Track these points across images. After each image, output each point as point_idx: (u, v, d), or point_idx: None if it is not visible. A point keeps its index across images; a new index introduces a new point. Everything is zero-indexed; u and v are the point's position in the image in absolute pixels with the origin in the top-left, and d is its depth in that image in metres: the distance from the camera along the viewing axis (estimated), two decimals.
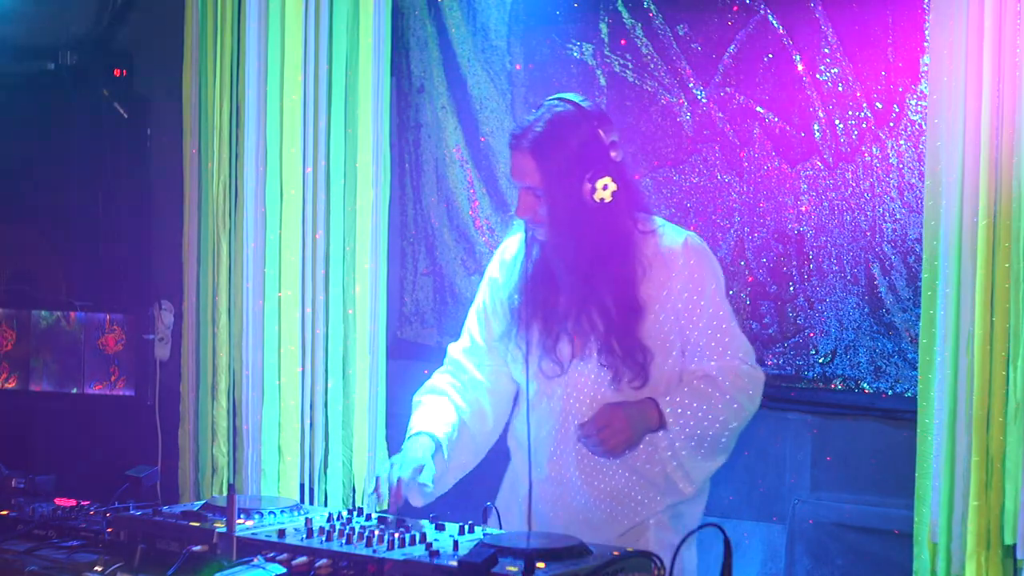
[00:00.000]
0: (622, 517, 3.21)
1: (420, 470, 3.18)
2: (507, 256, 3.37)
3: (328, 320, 4.57)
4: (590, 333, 3.18)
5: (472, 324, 3.45)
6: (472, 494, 3.39)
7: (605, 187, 3.12)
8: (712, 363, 3.18)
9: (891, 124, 3.92)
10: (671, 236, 3.23)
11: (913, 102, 3.88)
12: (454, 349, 3.49)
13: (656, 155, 4.32)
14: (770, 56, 4.11)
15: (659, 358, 3.18)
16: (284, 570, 2.68)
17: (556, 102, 3.19)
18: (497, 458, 3.53)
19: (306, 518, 2.97)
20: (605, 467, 3.20)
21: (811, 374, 4.08)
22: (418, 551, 2.67)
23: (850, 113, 3.98)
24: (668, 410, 3.12)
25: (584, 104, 3.18)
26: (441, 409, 3.37)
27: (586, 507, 3.21)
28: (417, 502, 3.26)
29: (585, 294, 3.17)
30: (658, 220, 3.28)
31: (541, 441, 3.28)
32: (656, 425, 3.13)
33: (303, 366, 4.58)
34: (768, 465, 4.21)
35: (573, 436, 3.21)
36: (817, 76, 4.03)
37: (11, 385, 5.12)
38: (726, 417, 3.16)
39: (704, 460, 3.19)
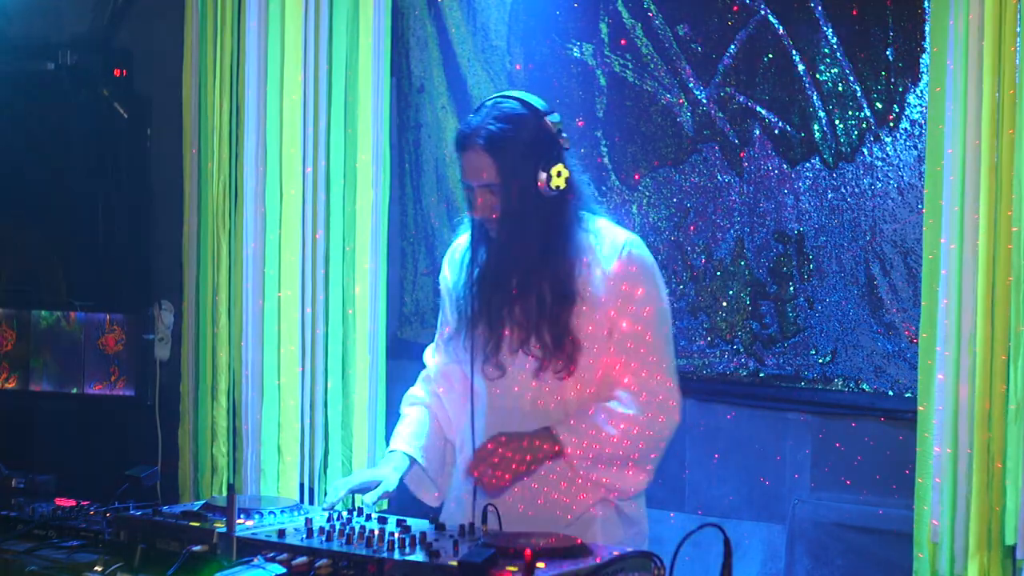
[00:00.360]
0: (565, 510, 3.21)
1: (369, 485, 3.25)
2: (456, 256, 3.41)
3: (328, 320, 4.57)
4: (526, 324, 3.22)
5: (439, 326, 3.52)
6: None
7: (559, 174, 3.18)
8: (626, 379, 3.20)
9: (891, 124, 3.92)
10: (612, 237, 3.26)
11: (913, 102, 3.88)
12: (426, 354, 3.55)
13: (656, 155, 4.32)
14: (770, 56, 4.11)
15: (589, 353, 3.20)
16: (284, 570, 2.68)
17: (500, 99, 3.25)
18: None
19: (306, 518, 2.97)
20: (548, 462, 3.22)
21: (811, 374, 4.08)
22: (418, 551, 2.67)
23: (850, 113, 3.98)
24: (564, 436, 3.13)
25: (526, 98, 3.24)
26: (416, 421, 3.43)
27: (530, 502, 3.21)
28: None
29: (527, 284, 3.21)
30: (602, 221, 3.31)
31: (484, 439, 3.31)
32: (555, 452, 3.13)
33: (303, 366, 4.59)
34: (768, 465, 4.21)
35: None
36: (817, 76, 4.03)
37: (11, 385, 5.12)
38: (637, 433, 3.16)
39: (615, 476, 3.18)
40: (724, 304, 4.22)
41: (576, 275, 3.19)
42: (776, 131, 4.11)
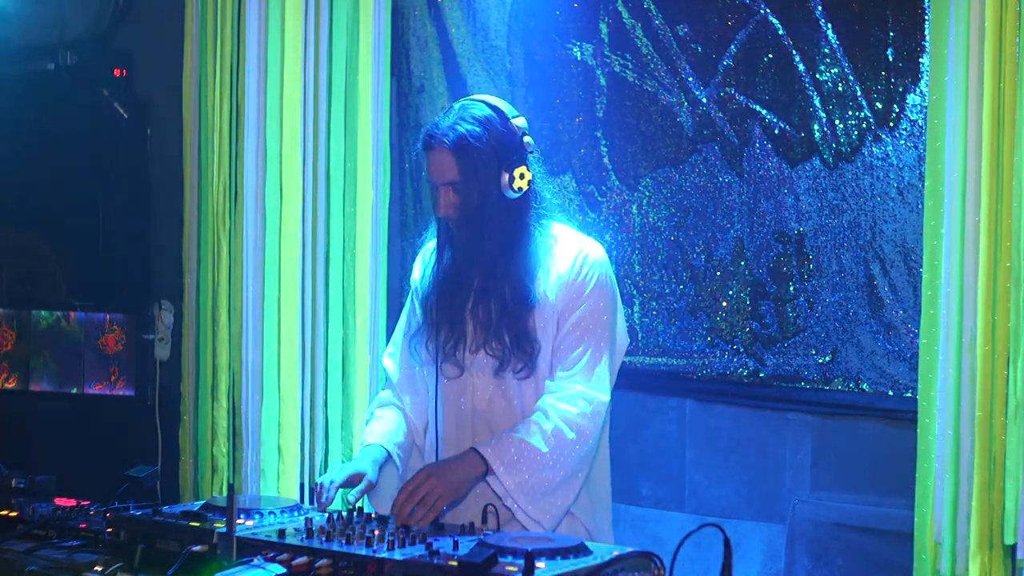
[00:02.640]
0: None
1: (354, 479, 3.23)
2: (426, 257, 3.47)
3: (328, 320, 4.57)
4: (487, 324, 3.28)
5: (402, 330, 3.53)
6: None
7: (522, 176, 3.26)
8: (551, 385, 3.24)
9: (891, 124, 3.92)
10: (570, 242, 3.34)
11: (913, 102, 3.87)
12: (385, 359, 3.57)
13: (656, 155, 4.32)
14: (770, 56, 4.11)
15: (546, 355, 3.28)
16: (284, 570, 2.68)
17: (468, 102, 3.32)
18: None
19: (306, 518, 2.97)
20: None
21: (811, 374, 4.08)
22: (418, 551, 2.67)
23: (850, 113, 3.98)
24: (490, 452, 3.15)
25: (493, 101, 3.32)
26: (392, 420, 3.45)
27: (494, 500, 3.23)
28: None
29: (489, 285, 3.27)
30: (561, 227, 3.38)
31: (447, 441, 3.35)
32: (482, 471, 3.16)
33: (303, 366, 4.59)
34: (768, 465, 4.21)
35: (473, 433, 3.29)
36: (817, 76, 4.03)
37: (11, 385, 5.12)
38: (560, 451, 3.18)
39: (543, 496, 3.18)
40: (724, 304, 4.22)
41: (534, 275, 3.26)
42: (776, 131, 4.11)
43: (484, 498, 3.17)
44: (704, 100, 4.23)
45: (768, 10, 4.09)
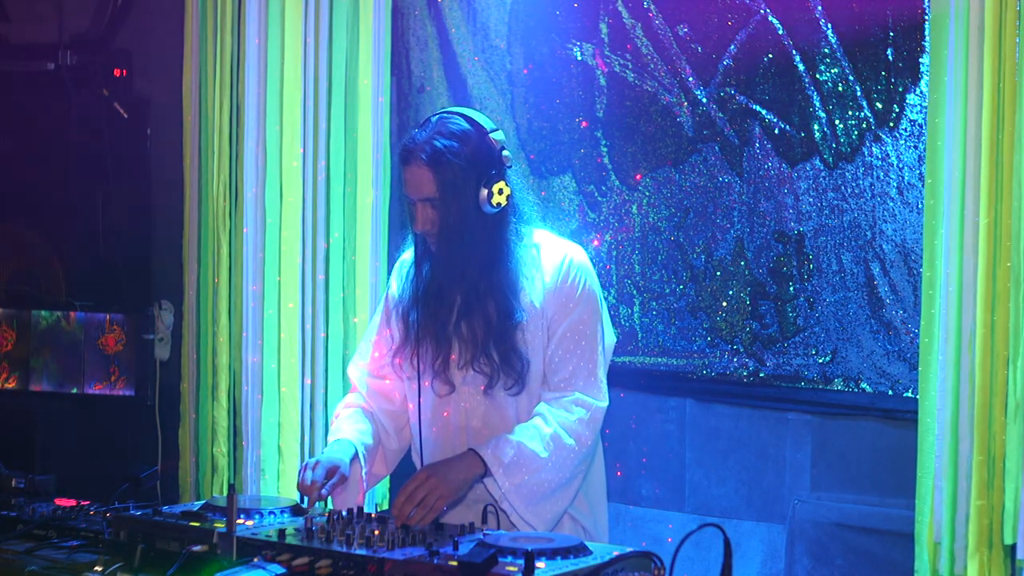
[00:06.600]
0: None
1: (331, 471, 3.18)
2: (403, 270, 3.43)
3: (328, 321, 4.57)
4: (474, 341, 3.24)
5: (373, 341, 3.50)
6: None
7: (500, 191, 3.22)
8: (549, 394, 3.24)
9: (891, 124, 3.92)
10: (553, 249, 3.31)
11: (913, 102, 3.88)
12: (351, 370, 3.53)
13: (656, 155, 4.32)
14: (770, 56, 4.11)
15: (537, 367, 3.25)
16: (284, 570, 2.68)
17: (446, 114, 3.27)
18: None
19: (306, 518, 2.97)
20: None
21: (811, 374, 4.09)
22: (418, 551, 2.67)
23: (850, 113, 3.98)
24: (489, 454, 3.14)
25: (471, 115, 3.27)
26: (361, 420, 3.41)
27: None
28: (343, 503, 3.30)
29: (471, 301, 3.24)
30: (542, 233, 3.35)
31: (437, 457, 3.31)
32: (480, 472, 3.14)
33: (303, 366, 4.59)
34: (768, 465, 4.21)
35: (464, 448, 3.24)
36: (817, 76, 4.03)
37: (11, 385, 5.12)
38: (558, 457, 3.18)
39: (539, 501, 3.17)
40: (724, 304, 4.22)
41: (519, 290, 3.23)
42: (776, 131, 4.11)
43: (481, 499, 3.17)
44: (704, 100, 4.23)
45: (768, 10, 4.09)
